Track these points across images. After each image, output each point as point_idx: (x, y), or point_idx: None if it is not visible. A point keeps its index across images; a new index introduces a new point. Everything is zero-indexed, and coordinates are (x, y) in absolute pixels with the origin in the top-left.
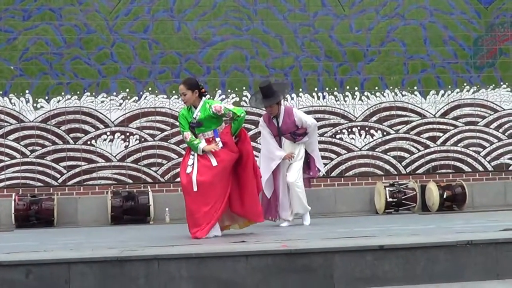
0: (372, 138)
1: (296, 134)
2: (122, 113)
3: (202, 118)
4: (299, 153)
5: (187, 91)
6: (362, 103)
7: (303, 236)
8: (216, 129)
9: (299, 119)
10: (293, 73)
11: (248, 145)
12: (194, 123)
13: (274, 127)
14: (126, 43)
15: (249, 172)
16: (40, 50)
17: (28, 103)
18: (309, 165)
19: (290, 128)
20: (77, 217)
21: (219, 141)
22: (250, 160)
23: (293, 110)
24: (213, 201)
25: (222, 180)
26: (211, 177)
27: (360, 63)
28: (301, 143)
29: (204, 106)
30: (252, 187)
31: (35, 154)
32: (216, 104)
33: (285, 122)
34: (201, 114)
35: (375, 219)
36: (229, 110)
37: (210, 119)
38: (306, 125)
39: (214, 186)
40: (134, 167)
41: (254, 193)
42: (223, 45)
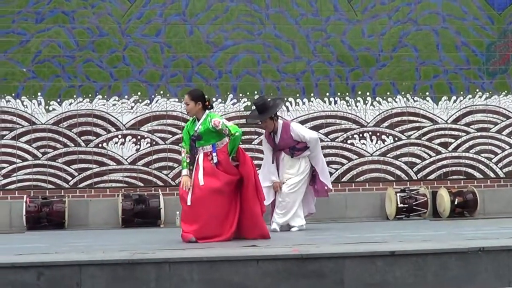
0: (384, 144)
1: (295, 149)
2: (134, 116)
3: (202, 132)
4: (300, 168)
5: (190, 101)
6: (374, 108)
7: (313, 241)
8: (215, 143)
9: (296, 135)
10: (304, 78)
11: (248, 168)
12: (194, 135)
13: (272, 143)
14: (138, 47)
15: (251, 194)
16: (52, 53)
17: (40, 105)
18: (314, 178)
19: (288, 143)
20: (88, 220)
21: (215, 156)
22: (251, 183)
23: (291, 125)
24: (203, 220)
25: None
26: (201, 195)
27: (372, 68)
28: (301, 157)
29: (206, 119)
30: (254, 209)
31: (47, 156)
32: (216, 118)
33: (283, 138)
34: (201, 127)
35: (385, 225)
36: (226, 127)
37: (210, 133)
38: (304, 140)
39: (203, 203)
40: (145, 170)
41: (257, 215)
42: (235, 49)
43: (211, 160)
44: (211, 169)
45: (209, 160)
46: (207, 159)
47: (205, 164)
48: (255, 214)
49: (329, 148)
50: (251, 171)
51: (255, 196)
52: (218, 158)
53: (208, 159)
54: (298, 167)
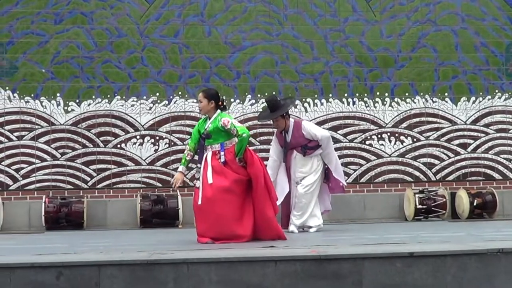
0: (402, 145)
1: (307, 147)
2: (152, 117)
3: (211, 130)
4: (312, 166)
5: (203, 99)
6: (392, 109)
7: (332, 242)
8: (224, 143)
9: (307, 133)
10: (323, 79)
11: (256, 169)
12: (204, 134)
13: (283, 141)
14: (156, 47)
15: (261, 196)
16: (71, 54)
17: (59, 106)
18: (328, 176)
19: (300, 142)
20: (107, 220)
21: (222, 156)
22: (260, 185)
23: (302, 123)
24: (214, 219)
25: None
26: (211, 194)
27: (390, 69)
28: (314, 155)
29: (216, 118)
30: (266, 211)
31: (66, 157)
32: (226, 118)
33: (294, 136)
34: (211, 125)
35: (404, 226)
36: (234, 127)
37: (218, 132)
38: (316, 138)
39: (214, 202)
40: (164, 171)
41: (270, 218)
42: (253, 49)
43: (219, 159)
44: (219, 168)
45: (217, 159)
46: (215, 158)
47: (213, 162)
48: (267, 216)
49: (347, 149)
50: (259, 171)
51: (267, 198)
52: (226, 158)
53: (216, 158)
54: (310, 165)
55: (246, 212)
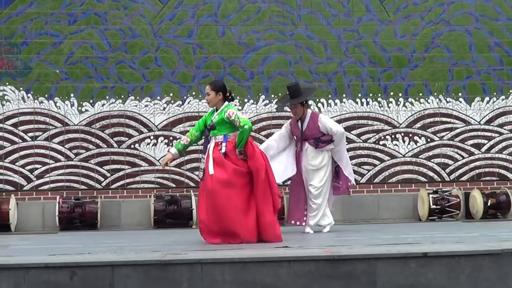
0: (416, 145)
1: (319, 141)
2: (166, 117)
3: (216, 121)
4: (323, 160)
5: (211, 91)
6: (406, 109)
7: (346, 242)
8: (227, 134)
9: (323, 126)
10: (336, 79)
11: (257, 161)
12: (210, 125)
13: (298, 130)
14: (170, 48)
15: (261, 189)
16: (85, 54)
17: (73, 106)
18: (338, 174)
19: (314, 134)
20: (120, 220)
21: (224, 146)
22: (261, 178)
23: (319, 116)
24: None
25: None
26: (211, 186)
27: (404, 69)
28: (325, 150)
29: (223, 110)
30: (266, 205)
31: (80, 157)
32: (231, 109)
33: (309, 127)
34: (217, 117)
35: (418, 226)
36: (237, 118)
37: (223, 123)
38: (331, 132)
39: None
40: (177, 171)
41: (269, 211)
42: (267, 50)
43: (220, 149)
44: (220, 159)
45: (219, 150)
46: (217, 149)
47: (214, 154)
48: (267, 213)
49: (361, 149)
50: (261, 165)
51: (267, 192)
52: (226, 148)
53: (218, 149)
54: (321, 159)
55: (251, 210)
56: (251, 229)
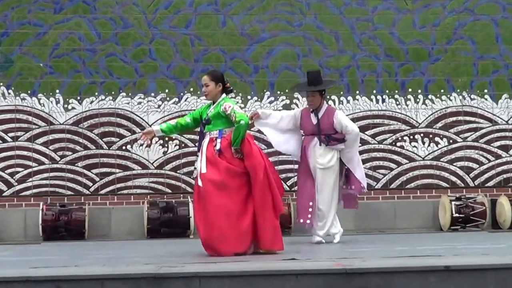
0: (437, 147)
1: (331, 138)
2: (161, 115)
3: (212, 115)
4: (331, 160)
5: (210, 82)
6: (426, 107)
7: (359, 254)
8: (223, 130)
9: (338, 122)
10: (349, 74)
11: (255, 160)
12: (205, 119)
13: (310, 123)
14: (166, 39)
15: (260, 191)
16: (72, 46)
17: (58, 103)
18: (348, 178)
19: (326, 129)
20: (110, 229)
21: (218, 143)
22: (259, 178)
23: (336, 111)
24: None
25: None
26: (203, 187)
27: (424, 63)
28: (335, 149)
29: (219, 103)
30: (265, 209)
31: (65, 159)
32: (228, 102)
33: (323, 121)
34: (213, 110)
35: (439, 237)
36: (234, 112)
37: (219, 118)
38: (346, 131)
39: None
40: (173, 176)
41: (269, 215)
42: (272, 42)
43: (214, 146)
44: (213, 158)
45: (213, 147)
46: (211, 145)
47: (208, 152)
48: (267, 218)
49: (376, 151)
50: (259, 164)
51: (267, 194)
52: (221, 145)
53: (212, 145)
54: (330, 158)
55: (247, 215)
56: (243, 234)
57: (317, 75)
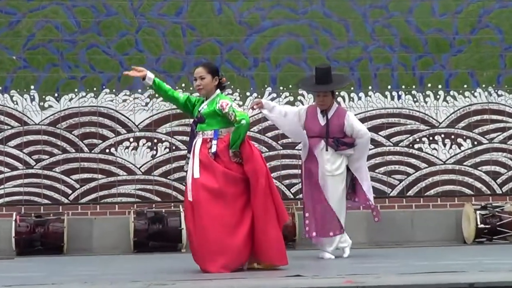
0: (460, 149)
1: (340, 142)
2: (149, 114)
3: (205, 113)
4: (340, 167)
5: (207, 75)
6: (447, 105)
7: (372, 270)
8: (218, 130)
9: (350, 125)
10: (361, 67)
11: (256, 165)
12: (197, 116)
13: (317, 124)
14: (154, 29)
15: (262, 199)
16: (48, 37)
17: (33, 101)
18: (354, 189)
19: (335, 132)
20: (92, 243)
21: (214, 145)
22: (261, 185)
23: (347, 113)
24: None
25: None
26: (195, 194)
27: (445, 55)
28: (344, 155)
29: (214, 100)
30: (268, 219)
31: (41, 164)
32: (225, 100)
33: (333, 123)
34: (207, 107)
35: (462, 250)
36: (233, 111)
37: (214, 116)
38: (358, 135)
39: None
40: (163, 182)
41: (272, 226)
42: (274, 31)
43: (209, 148)
44: (208, 162)
45: (207, 149)
46: (205, 147)
47: (201, 155)
48: (270, 229)
49: (391, 154)
50: (261, 169)
51: (269, 202)
52: (218, 148)
53: (206, 147)
54: (338, 164)
55: (239, 224)
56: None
57: (328, 71)
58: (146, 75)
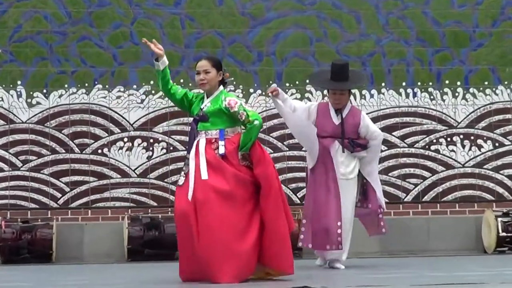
0: (480, 151)
1: (355, 143)
2: (145, 112)
3: (210, 111)
4: (353, 171)
5: (211, 68)
6: (467, 103)
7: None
8: (224, 130)
9: (365, 126)
10: (373, 62)
11: (267, 167)
12: (199, 115)
13: (331, 123)
14: (150, 20)
15: (274, 203)
16: (36, 28)
17: (20, 98)
18: (366, 194)
19: (349, 133)
20: (83, 251)
21: (222, 146)
22: (274, 188)
23: (362, 113)
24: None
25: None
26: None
27: (464, 49)
28: (357, 157)
29: (218, 97)
30: (279, 224)
31: (29, 165)
32: (233, 98)
33: (348, 122)
34: (211, 105)
35: (483, 260)
36: (244, 110)
37: (219, 115)
38: (372, 136)
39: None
40: (159, 185)
41: (283, 232)
42: (279, 23)
43: (215, 149)
44: (217, 163)
45: (213, 149)
46: (210, 148)
47: (208, 153)
48: (280, 235)
49: (405, 156)
50: (272, 172)
51: (280, 207)
52: (226, 150)
53: (212, 148)
54: (353, 167)
55: (247, 230)
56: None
57: (346, 68)
58: (162, 56)
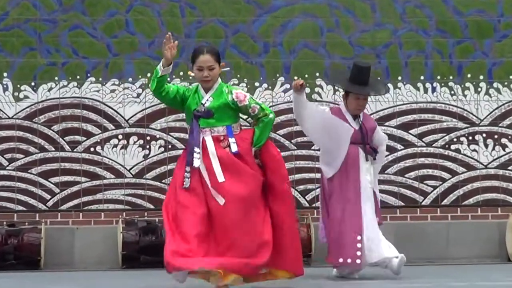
0: (504, 151)
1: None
2: (141, 107)
3: (214, 106)
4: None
5: (215, 63)
6: (490, 99)
7: None
8: (231, 126)
9: (378, 131)
10: (389, 54)
11: (281, 166)
12: (201, 111)
13: None
14: (147, 7)
15: (288, 203)
16: (24, 16)
17: (6, 91)
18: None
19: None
20: (74, 257)
21: (234, 144)
22: (288, 188)
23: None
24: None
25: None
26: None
27: (487, 40)
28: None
29: (220, 90)
30: (290, 225)
31: (15, 164)
32: (239, 90)
33: (365, 128)
34: (214, 100)
35: (506, 269)
36: (255, 103)
37: (226, 110)
38: (381, 142)
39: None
40: (156, 186)
41: (293, 234)
42: (288, 11)
43: (226, 147)
44: (231, 162)
45: (224, 148)
46: (220, 146)
47: (219, 152)
48: (291, 233)
49: (424, 156)
50: (285, 171)
51: (293, 208)
52: (239, 147)
53: (222, 146)
54: (373, 175)
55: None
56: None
57: (369, 71)
58: (170, 64)
